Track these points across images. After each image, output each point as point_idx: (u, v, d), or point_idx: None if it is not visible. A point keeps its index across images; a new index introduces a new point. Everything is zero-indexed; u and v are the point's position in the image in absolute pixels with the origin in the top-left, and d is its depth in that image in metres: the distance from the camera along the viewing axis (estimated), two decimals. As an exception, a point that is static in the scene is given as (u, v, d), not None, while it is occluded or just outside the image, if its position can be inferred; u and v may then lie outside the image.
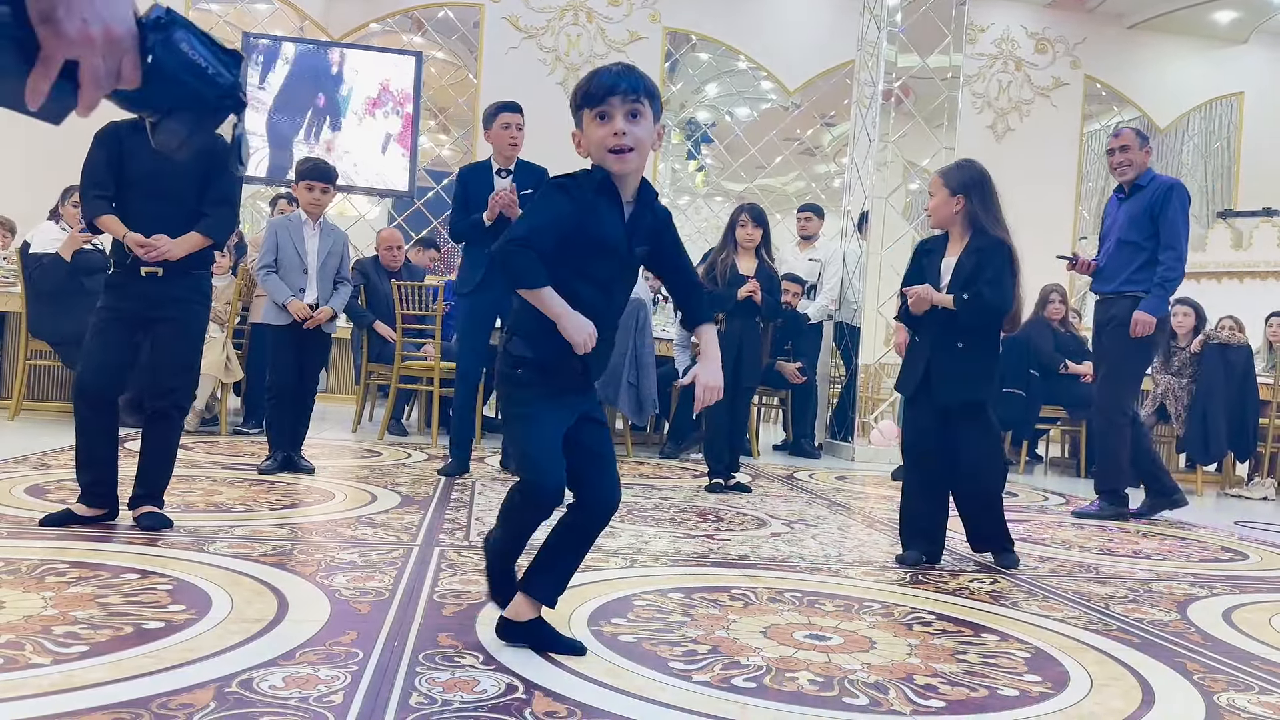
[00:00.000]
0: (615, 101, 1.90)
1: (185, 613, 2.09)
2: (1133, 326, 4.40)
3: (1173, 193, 4.47)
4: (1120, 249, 4.53)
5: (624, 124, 1.90)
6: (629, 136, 1.89)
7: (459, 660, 1.89)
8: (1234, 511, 5.45)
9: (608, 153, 1.90)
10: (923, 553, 3.21)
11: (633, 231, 1.97)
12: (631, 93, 1.90)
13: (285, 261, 4.43)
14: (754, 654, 2.06)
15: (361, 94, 10.12)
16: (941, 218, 3.29)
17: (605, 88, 1.90)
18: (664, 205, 2.08)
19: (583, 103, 1.93)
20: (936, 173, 3.33)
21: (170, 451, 3.10)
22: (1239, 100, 12.51)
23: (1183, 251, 4.44)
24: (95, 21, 0.86)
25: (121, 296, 3.00)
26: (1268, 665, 2.24)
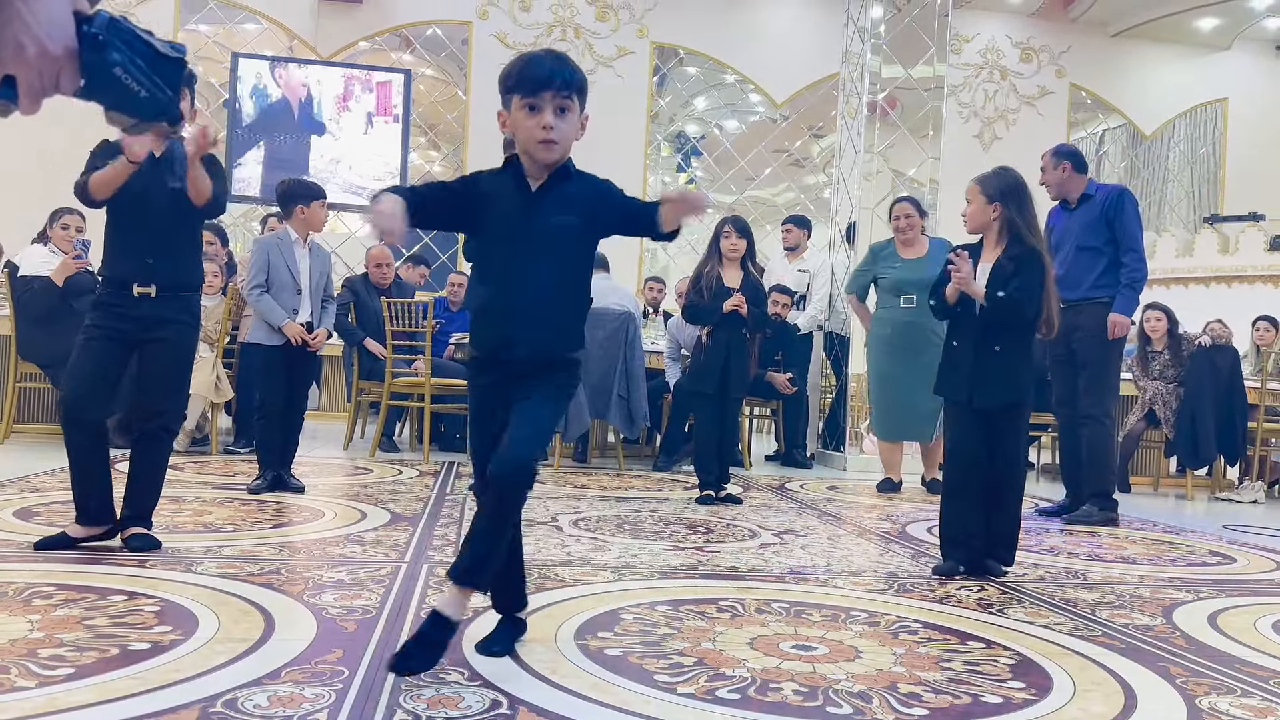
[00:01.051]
0: (546, 96, 1.94)
1: (172, 633, 2.10)
2: (1110, 329, 4.56)
3: (1124, 198, 4.68)
4: (1079, 255, 4.64)
5: (552, 118, 1.95)
6: (556, 131, 1.95)
7: (444, 677, 1.90)
8: (1223, 515, 5.47)
9: (536, 144, 1.96)
10: (960, 562, 3.21)
11: (541, 201, 2.00)
12: (564, 89, 1.95)
13: (278, 281, 4.42)
14: (739, 665, 2.07)
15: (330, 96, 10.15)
16: (978, 224, 3.32)
17: (538, 81, 1.94)
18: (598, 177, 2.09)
19: (513, 88, 1.97)
20: (974, 180, 3.35)
21: (159, 473, 3.10)
22: (1223, 106, 12.61)
23: (1142, 252, 4.65)
24: (30, 44, 0.90)
25: (111, 315, 2.99)
26: (1250, 668, 2.26)
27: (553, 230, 1.99)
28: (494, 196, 2.02)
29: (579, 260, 2.08)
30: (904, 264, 5.54)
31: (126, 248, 3.00)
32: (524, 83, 1.95)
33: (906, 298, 5.47)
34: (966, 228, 3.39)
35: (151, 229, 3.00)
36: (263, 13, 10.50)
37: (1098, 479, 4.66)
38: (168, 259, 3.01)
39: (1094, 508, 4.62)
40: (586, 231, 2.05)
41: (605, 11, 11.17)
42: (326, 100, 10.18)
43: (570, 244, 2.03)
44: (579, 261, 2.08)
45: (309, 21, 10.57)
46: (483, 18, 10.89)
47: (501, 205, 2.01)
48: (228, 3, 10.44)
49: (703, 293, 4.80)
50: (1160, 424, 6.35)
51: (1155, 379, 6.39)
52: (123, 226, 3.02)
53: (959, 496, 3.25)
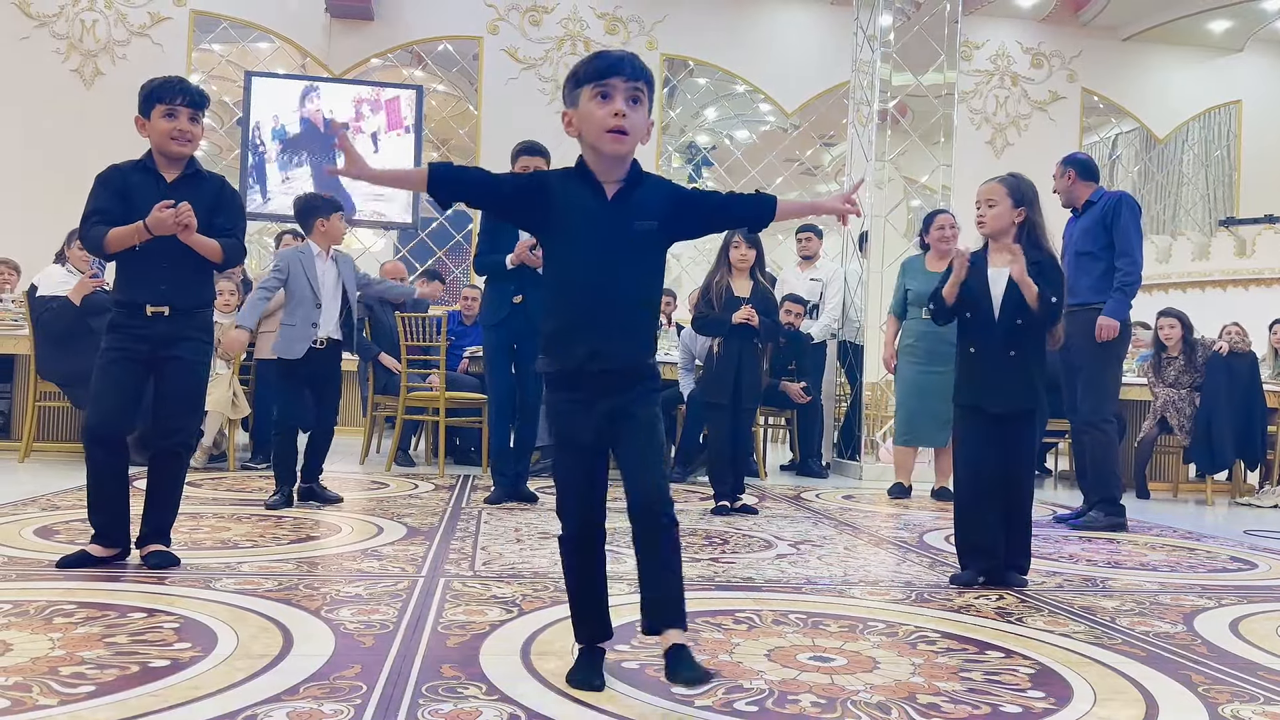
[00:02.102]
0: (618, 82, 1.88)
1: (191, 650, 2.11)
2: (1097, 331, 4.54)
3: (1122, 204, 4.66)
4: (1078, 261, 4.65)
5: (624, 105, 1.88)
6: (628, 120, 1.88)
7: (462, 691, 1.90)
8: (1244, 520, 5.43)
9: (605, 133, 1.89)
10: (980, 571, 3.18)
11: (620, 207, 1.94)
12: (635, 76, 1.89)
13: (297, 294, 4.43)
14: (757, 677, 2.07)
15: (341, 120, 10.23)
16: (1000, 226, 3.26)
17: (610, 67, 1.89)
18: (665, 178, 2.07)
19: (583, 79, 1.91)
20: (997, 181, 3.30)
21: (177, 490, 3.12)
22: (1237, 108, 12.56)
23: (1138, 258, 4.62)
24: None
25: (127, 337, 3.00)
26: (1273, 675, 2.24)
27: (634, 237, 1.94)
28: (568, 201, 1.95)
29: (657, 266, 2.02)
30: (929, 276, 5.60)
31: (139, 275, 2.99)
32: (595, 71, 1.90)
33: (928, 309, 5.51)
34: (985, 230, 3.31)
35: (164, 257, 2.98)
36: (275, 31, 10.60)
37: (1102, 485, 4.65)
38: (181, 284, 3.02)
39: (1099, 513, 4.60)
40: (664, 236, 2.00)
41: (615, 25, 11.22)
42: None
43: (649, 250, 1.99)
44: (657, 267, 2.02)
45: (321, 39, 10.66)
46: (493, 33, 10.96)
47: (578, 212, 1.94)
48: (241, 22, 10.55)
49: (712, 303, 4.80)
50: (1174, 430, 6.31)
51: (1169, 385, 6.35)
52: (134, 254, 2.99)
53: (975, 504, 3.23)
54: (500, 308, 4.71)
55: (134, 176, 3.05)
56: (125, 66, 10.07)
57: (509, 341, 4.76)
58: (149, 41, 10.25)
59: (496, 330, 4.75)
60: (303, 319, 4.41)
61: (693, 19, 11.28)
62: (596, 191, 1.95)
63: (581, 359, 1.93)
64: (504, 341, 4.76)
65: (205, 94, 3.13)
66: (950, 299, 3.26)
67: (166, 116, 3.00)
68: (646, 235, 1.95)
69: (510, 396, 4.82)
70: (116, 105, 8.89)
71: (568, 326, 1.95)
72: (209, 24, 10.53)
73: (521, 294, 4.64)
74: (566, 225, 1.95)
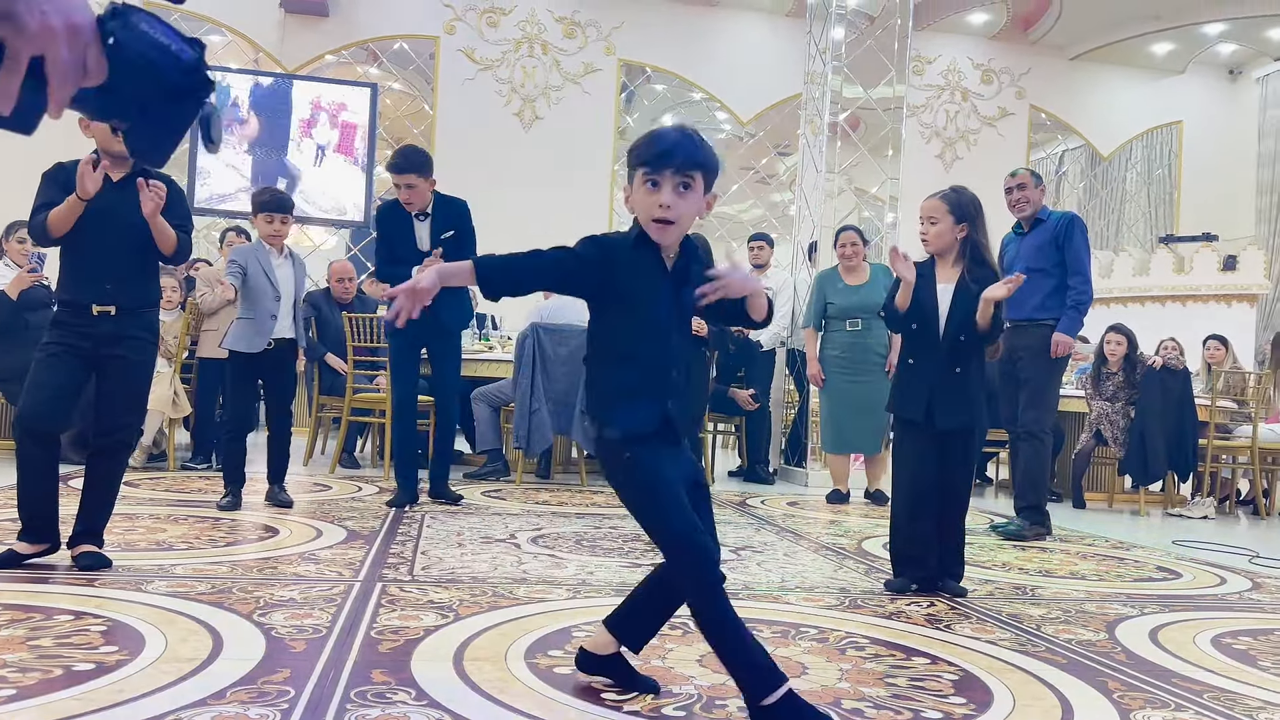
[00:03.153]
0: (668, 173, 1.88)
1: (118, 654, 2.09)
2: (1053, 348, 4.71)
3: (1074, 225, 4.82)
4: (1029, 277, 4.73)
5: (671, 196, 1.88)
6: (673, 210, 1.89)
7: (391, 696, 1.90)
8: (1175, 531, 5.57)
9: (651, 221, 1.91)
10: (913, 580, 3.25)
11: (678, 279, 1.97)
12: (687, 165, 1.89)
13: (256, 289, 4.39)
14: (687, 683, 2.10)
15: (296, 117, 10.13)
16: (943, 244, 3.32)
17: (661, 156, 1.89)
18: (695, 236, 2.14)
19: (636, 163, 1.93)
20: (937, 198, 3.34)
21: (114, 488, 3.08)
22: (1178, 129, 12.90)
23: (1088, 275, 4.79)
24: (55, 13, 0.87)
25: (70, 334, 2.96)
26: (1186, 682, 2.31)
27: (686, 307, 1.99)
28: (633, 271, 1.95)
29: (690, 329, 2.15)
30: (849, 290, 5.92)
31: (85, 274, 2.97)
32: (646, 158, 1.90)
33: (852, 321, 5.91)
34: (929, 248, 3.37)
35: (110, 256, 2.97)
36: (228, 25, 10.46)
37: (1032, 493, 4.77)
38: (126, 283, 3.00)
39: (1025, 521, 4.72)
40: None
41: (573, 29, 11.24)
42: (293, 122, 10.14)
43: (691, 316, 2.05)
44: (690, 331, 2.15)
45: (274, 34, 10.55)
46: (449, 33, 10.93)
47: (643, 279, 1.95)
48: (192, 14, 10.39)
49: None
50: (1108, 443, 6.48)
51: (1106, 399, 6.51)
52: (80, 252, 2.98)
53: (912, 515, 3.29)
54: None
55: None
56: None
57: (414, 344, 4.71)
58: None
59: (398, 335, 4.66)
60: (262, 313, 4.37)
61: (651, 26, 11.34)
62: (657, 261, 1.96)
63: (661, 419, 1.93)
64: (407, 345, 4.70)
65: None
66: (903, 306, 3.31)
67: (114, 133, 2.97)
68: (691, 303, 1.99)
69: (412, 400, 4.78)
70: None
71: (640, 389, 1.95)
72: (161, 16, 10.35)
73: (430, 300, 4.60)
74: (631, 293, 1.95)
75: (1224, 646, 2.71)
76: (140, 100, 1.00)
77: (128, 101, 0.99)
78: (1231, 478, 7.31)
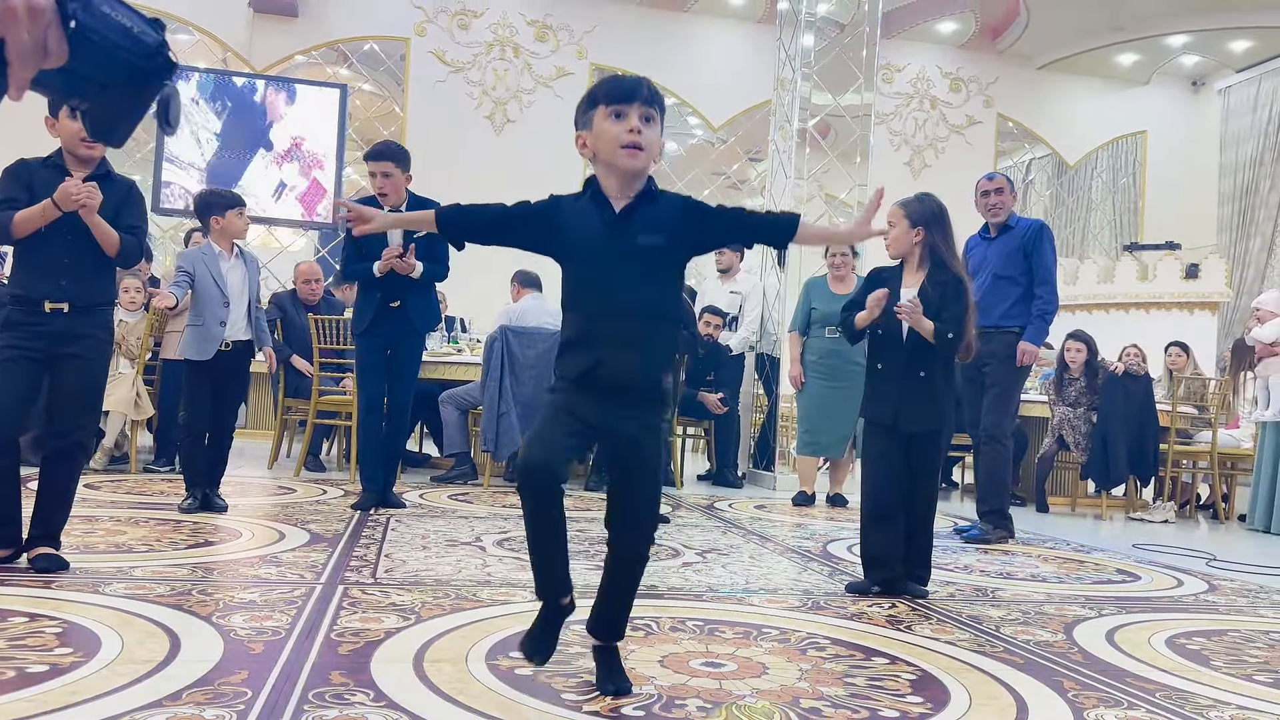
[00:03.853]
0: (635, 105, 1.94)
1: (72, 655, 2.06)
2: (1020, 356, 4.76)
3: (1042, 233, 4.88)
4: (996, 284, 4.82)
5: (639, 123, 1.94)
6: (643, 136, 1.93)
7: (349, 698, 1.90)
8: (1136, 535, 5.65)
9: (620, 148, 1.93)
10: (877, 582, 3.26)
11: (626, 223, 1.96)
12: (649, 101, 1.96)
13: (204, 295, 4.33)
14: (647, 683, 2.10)
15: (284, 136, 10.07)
16: (901, 248, 3.38)
17: (626, 90, 1.95)
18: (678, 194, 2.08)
19: (598, 100, 1.97)
20: (896, 204, 3.40)
21: (70, 490, 3.04)
22: (1143, 138, 13.08)
23: (1055, 284, 4.85)
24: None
25: (24, 334, 2.92)
26: (1139, 682, 2.35)
27: (640, 252, 1.96)
28: (578, 220, 1.99)
29: (668, 281, 2.03)
30: (834, 298, 5.96)
31: (38, 269, 2.93)
32: (611, 93, 1.96)
33: (832, 329, 5.96)
34: (889, 252, 3.45)
35: (66, 252, 2.93)
36: (195, 24, 10.36)
37: (994, 497, 4.82)
38: (81, 280, 2.97)
39: (989, 525, 4.77)
40: (675, 251, 2.02)
41: (544, 32, 11.24)
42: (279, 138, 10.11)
43: (659, 266, 2.00)
44: (668, 282, 2.03)
45: (243, 34, 10.46)
46: (420, 35, 10.88)
47: (584, 230, 1.98)
48: (159, 13, 10.27)
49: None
50: (1070, 447, 6.56)
51: (1069, 405, 6.60)
52: (35, 248, 2.94)
53: (878, 517, 3.32)
54: (365, 314, 4.61)
55: (42, 172, 3.00)
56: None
57: (381, 346, 4.65)
58: (61, 29, 9.93)
59: (364, 337, 4.63)
60: (210, 318, 4.31)
61: (622, 30, 11.36)
62: (604, 209, 1.98)
63: (586, 369, 1.94)
64: (374, 346, 4.64)
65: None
66: (860, 326, 3.36)
67: (73, 116, 2.95)
68: (653, 250, 1.96)
69: (379, 404, 4.72)
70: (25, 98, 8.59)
71: (576, 340, 1.98)
72: (125, 11, 10.24)
73: (400, 299, 4.56)
74: (576, 244, 1.99)
75: (1178, 647, 2.75)
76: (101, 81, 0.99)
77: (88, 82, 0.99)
78: (1192, 483, 7.42)
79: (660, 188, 2.04)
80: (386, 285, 4.53)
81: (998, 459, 4.81)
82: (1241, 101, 12.55)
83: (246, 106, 10.00)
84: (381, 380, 4.70)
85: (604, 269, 1.97)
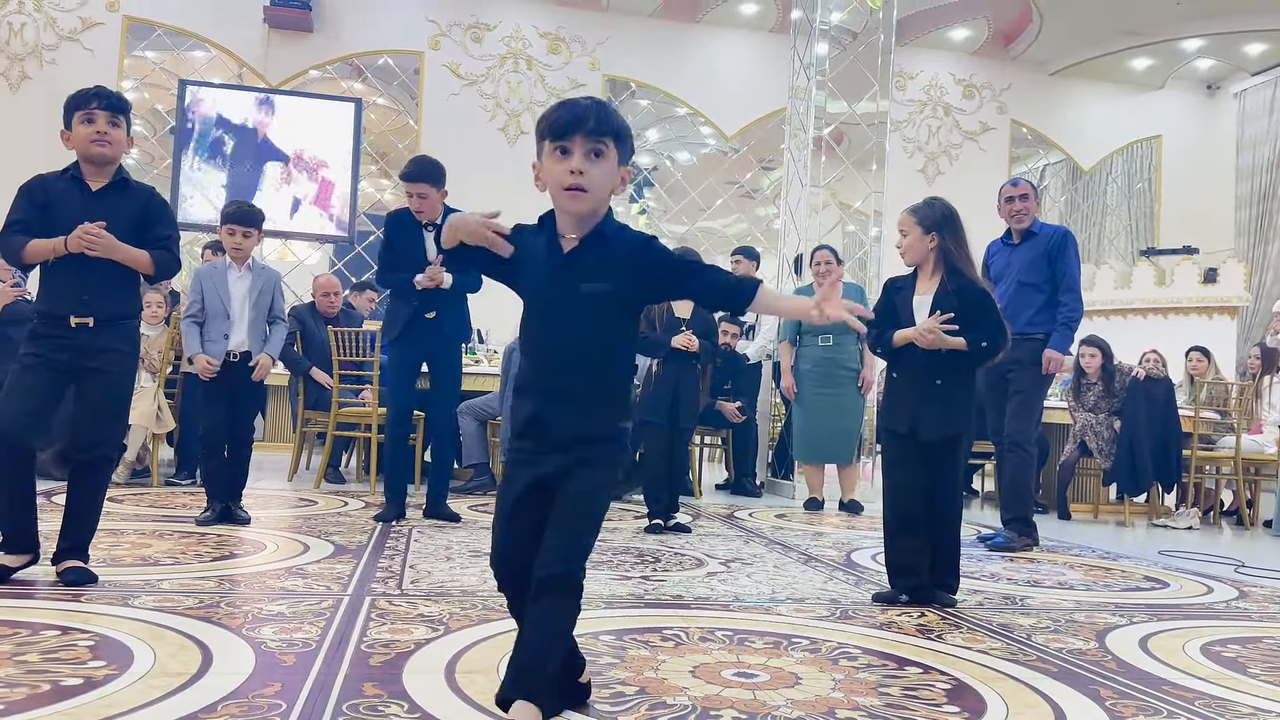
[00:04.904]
0: (578, 139, 1.79)
1: (106, 668, 2.06)
2: (1045, 364, 4.71)
3: (1067, 240, 4.85)
4: (1020, 291, 4.78)
5: (582, 162, 1.79)
6: (586, 177, 1.79)
7: (383, 710, 1.89)
8: (1160, 541, 5.61)
9: (562, 190, 1.81)
10: (905, 590, 3.24)
11: (571, 266, 1.85)
12: (597, 132, 1.80)
13: (210, 308, 4.40)
14: (680, 694, 2.09)
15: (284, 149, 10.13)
16: (916, 255, 3.35)
17: (569, 123, 1.80)
18: (639, 232, 1.93)
19: (545, 134, 1.83)
20: (907, 211, 3.37)
21: (97, 503, 3.04)
22: (1158, 143, 13.03)
23: (1079, 291, 4.82)
24: None
25: (50, 346, 2.93)
26: (1177, 690, 2.32)
27: (584, 299, 1.83)
28: (530, 255, 1.87)
29: (615, 329, 1.89)
30: None
31: (63, 285, 2.93)
32: (555, 125, 1.81)
33: (824, 338, 6.15)
34: (905, 260, 3.43)
35: (89, 267, 2.93)
36: (211, 40, 10.44)
37: (1018, 504, 4.78)
38: (105, 294, 2.97)
39: (1013, 533, 4.73)
40: (624, 295, 1.87)
41: (557, 44, 11.28)
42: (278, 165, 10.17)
43: (606, 312, 1.86)
44: (615, 330, 1.89)
45: (258, 49, 10.53)
46: (434, 48, 10.94)
47: (533, 268, 1.87)
48: (176, 29, 10.37)
49: (654, 324, 4.83)
50: (1093, 453, 6.52)
51: (1089, 410, 6.56)
52: (61, 264, 2.93)
53: (900, 526, 3.30)
54: (397, 322, 4.59)
55: (58, 185, 3.00)
56: (53, 71, 9.84)
57: (414, 357, 4.64)
58: (79, 47, 10.03)
59: (396, 345, 4.62)
60: (214, 330, 4.37)
61: (635, 41, 11.39)
62: (553, 247, 1.86)
63: (523, 423, 1.89)
64: (406, 357, 4.63)
65: (124, 99, 3.09)
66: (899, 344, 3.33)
67: (85, 122, 2.97)
68: (599, 297, 1.84)
69: (408, 414, 4.72)
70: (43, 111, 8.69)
71: (520, 388, 1.92)
72: (143, 31, 10.34)
73: (435, 310, 4.55)
74: (527, 280, 1.90)
75: (1213, 654, 2.72)
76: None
77: None
78: (1215, 488, 7.36)
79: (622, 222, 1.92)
80: (423, 295, 4.54)
81: (1022, 466, 4.78)
82: (1257, 104, 12.49)
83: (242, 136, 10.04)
84: (412, 391, 4.70)
85: (548, 315, 1.87)
